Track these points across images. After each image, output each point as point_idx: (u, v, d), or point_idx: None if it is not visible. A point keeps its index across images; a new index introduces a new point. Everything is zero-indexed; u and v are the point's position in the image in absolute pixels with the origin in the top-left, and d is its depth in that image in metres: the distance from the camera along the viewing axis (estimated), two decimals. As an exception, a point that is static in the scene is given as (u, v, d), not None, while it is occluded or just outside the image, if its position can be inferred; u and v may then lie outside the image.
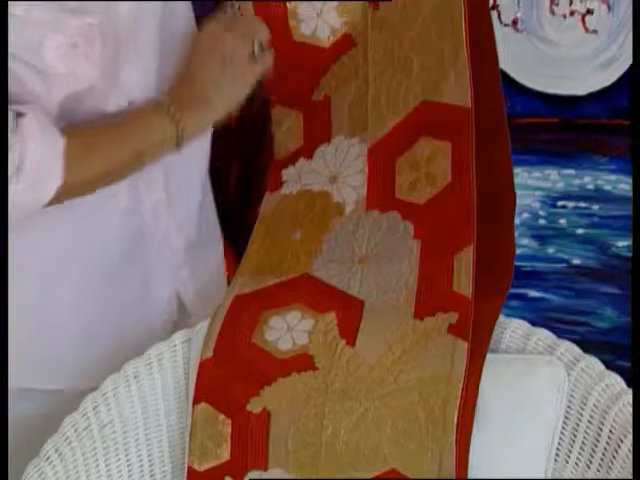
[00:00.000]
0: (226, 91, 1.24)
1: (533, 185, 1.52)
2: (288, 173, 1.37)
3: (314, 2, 1.35)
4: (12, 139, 1.11)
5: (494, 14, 1.54)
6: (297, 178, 1.36)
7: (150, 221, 1.33)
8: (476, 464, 1.16)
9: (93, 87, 1.18)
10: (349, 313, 1.25)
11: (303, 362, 1.22)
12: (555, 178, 1.54)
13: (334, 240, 1.31)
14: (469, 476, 1.15)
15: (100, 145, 1.20)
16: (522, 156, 1.49)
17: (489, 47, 1.28)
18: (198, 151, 1.36)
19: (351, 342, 1.22)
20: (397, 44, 1.31)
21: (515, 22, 1.52)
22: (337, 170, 1.34)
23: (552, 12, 1.50)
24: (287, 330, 1.24)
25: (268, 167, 1.39)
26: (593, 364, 1.20)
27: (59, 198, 1.16)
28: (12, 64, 1.12)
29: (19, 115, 1.13)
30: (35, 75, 1.14)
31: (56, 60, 1.14)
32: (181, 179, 1.35)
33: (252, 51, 1.25)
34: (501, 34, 1.44)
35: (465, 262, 1.22)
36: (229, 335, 1.25)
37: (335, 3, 1.35)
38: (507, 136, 1.27)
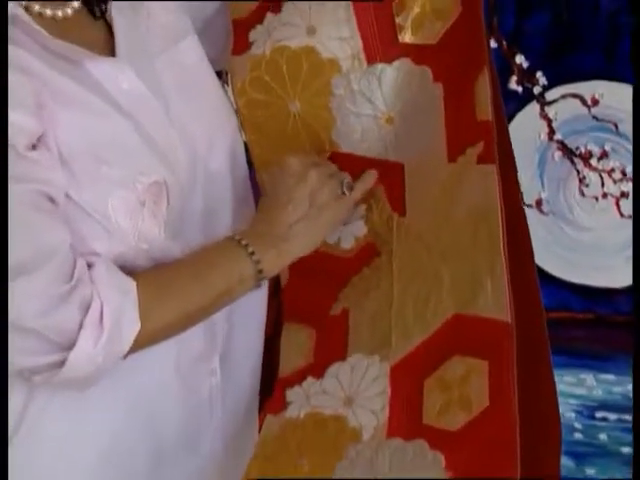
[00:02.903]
0: (310, 230, 1.21)
1: (566, 391, 1.35)
2: (294, 393, 1.23)
3: None
4: (87, 289, 1.09)
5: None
6: (305, 399, 1.22)
7: (206, 406, 1.27)
8: None
9: (154, 245, 1.16)
10: None
11: None
12: (591, 384, 1.37)
13: (349, 469, 1.15)
14: None
15: (176, 286, 1.17)
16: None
17: (526, 250, 1.21)
18: (253, 340, 1.33)
19: None
20: (426, 254, 1.21)
21: (539, 203, 1.39)
22: (353, 391, 1.19)
23: (582, 194, 1.39)
24: None
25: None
26: None
27: (139, 344, 1.13)
28: (76, 219, 1.11)
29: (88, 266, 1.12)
30: (99, 232, 1.13)
31: (122, 217, 1.13)
32: (236, 365, 1.31)
33: (342, 191, 1.22)
34: (523, 216, 1.33)
35: (506, 500, 1.07)
36: None
37: (363, 212, 1.26)
38: (549, 352, 1.18)
